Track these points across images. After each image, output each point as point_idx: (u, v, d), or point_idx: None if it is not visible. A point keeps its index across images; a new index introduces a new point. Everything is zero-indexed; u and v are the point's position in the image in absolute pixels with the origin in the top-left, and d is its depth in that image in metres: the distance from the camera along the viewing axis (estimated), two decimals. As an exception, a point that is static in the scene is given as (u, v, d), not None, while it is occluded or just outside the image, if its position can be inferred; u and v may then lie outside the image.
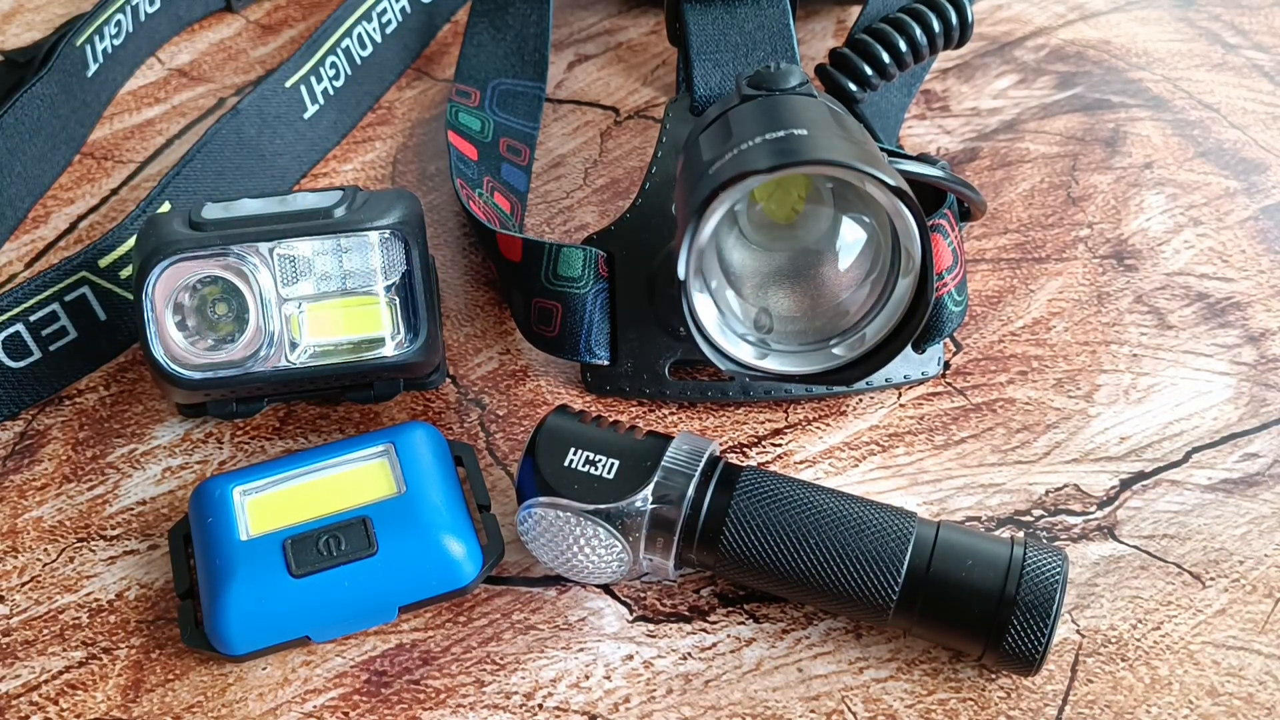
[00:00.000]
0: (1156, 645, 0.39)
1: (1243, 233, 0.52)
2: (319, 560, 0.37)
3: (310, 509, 0.39)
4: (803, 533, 0.37)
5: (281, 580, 0.37)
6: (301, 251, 0.41)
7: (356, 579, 0.38)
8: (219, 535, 0.39)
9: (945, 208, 0.45)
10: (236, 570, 0.38)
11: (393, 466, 0.40)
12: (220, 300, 0.41)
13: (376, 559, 0.38)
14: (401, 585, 0.38)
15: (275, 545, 0.38)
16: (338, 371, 0.42)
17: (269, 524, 0.39)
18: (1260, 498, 0.43)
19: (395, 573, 0.38)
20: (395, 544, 0.38)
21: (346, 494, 0.40)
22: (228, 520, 0.39)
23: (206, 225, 0.40)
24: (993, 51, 0.61)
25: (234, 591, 0.37)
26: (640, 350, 0.46)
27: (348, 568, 0.38)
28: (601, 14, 0.65)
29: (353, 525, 0.38)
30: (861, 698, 0.38)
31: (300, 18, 0.65)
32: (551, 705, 0.38)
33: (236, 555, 0.38)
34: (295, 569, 0.37)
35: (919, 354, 0.46)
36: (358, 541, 0.38)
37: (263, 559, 0.38)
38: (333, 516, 0.39)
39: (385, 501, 0.39)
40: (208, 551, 0.39)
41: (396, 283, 0.42)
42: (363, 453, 0.41)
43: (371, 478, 0.40)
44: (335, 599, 0.38)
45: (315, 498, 0.40)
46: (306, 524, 0.39)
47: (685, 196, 0.39)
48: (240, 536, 0.38)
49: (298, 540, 0.38)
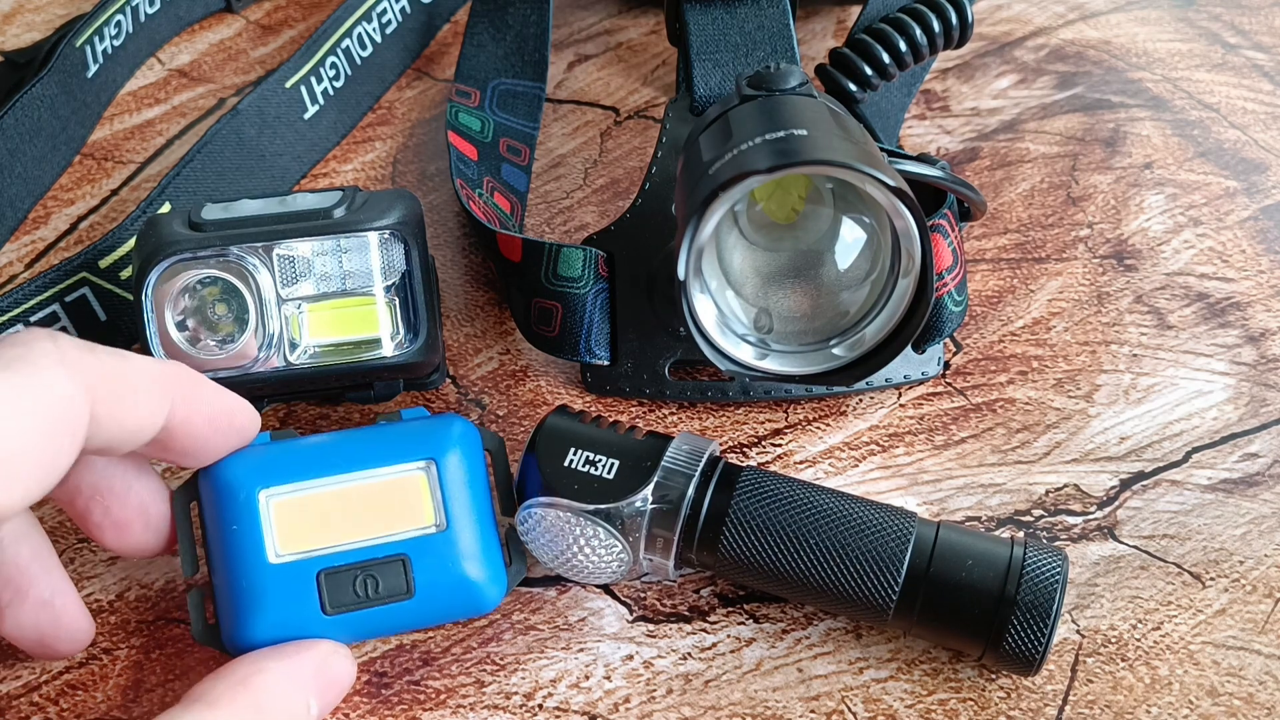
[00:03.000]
0: (1156, 645, 0.39)
1: (1243, 233, 0.52)
2: (354, 601, 0.36)
3: (345, 529, 0.37)
4: (803, 533, 0.37)
5: (314, 616, 0.36)
6: (301, 252, 0.41)
7: (389, 619, 0.36)
8: (246, 549, 0.36)
9: (945, 208, 0.45)
10: (267, 598, 0.35)
11: (432, 489, 0.38)
12: (220, 301, 0.41)
13: (412, 603, 0.36)
14: (432, 620, 0.38)
15: (309, 576, 0.36)
16: (337, 372, 0.42)
17: (300, 543, 0.36)
18: (1260, 498, 0.43)
19: (428, 614, 0.37)
20: (431, 586, 0.36)
21: (384, 517, 0.37)
22: (254, 531, 0.36)
23: (206, 226, 0.40)
24: (993, 51, 0.61)
25: (263, 620, 0.35)
26: (640, 350, 0.46)
27: (383, 610, 0.36)
28: (601, 14, 0.65)
29: (390, 564, 0.36)
30: (861, 698, 0.38)
31: (300, 18, 0.65)
32: (551, 705, 0.38)
33: (267, 580, 0.36)
34: (329, 608, 0.36)
35: (919, 354, 0.46)
36: (395, 583, 0.36)
37: (295, 589, 0.36)
38: (370, 549, 0.37)
39: (425, 539, 0.37)
40: (231, 563, 0.36)
41: (396, 283, 0.42)
42: (401, 466, 0.38)
43: (410, 500, 0.37)
44: (364, 634, 0.37)
45: (350, 514, 0.37)
46: (342, 553, 0.36)
47: (685, 196, 0.39)
48: (269, 557, 0.36)
49: (332, 574, 0.36)
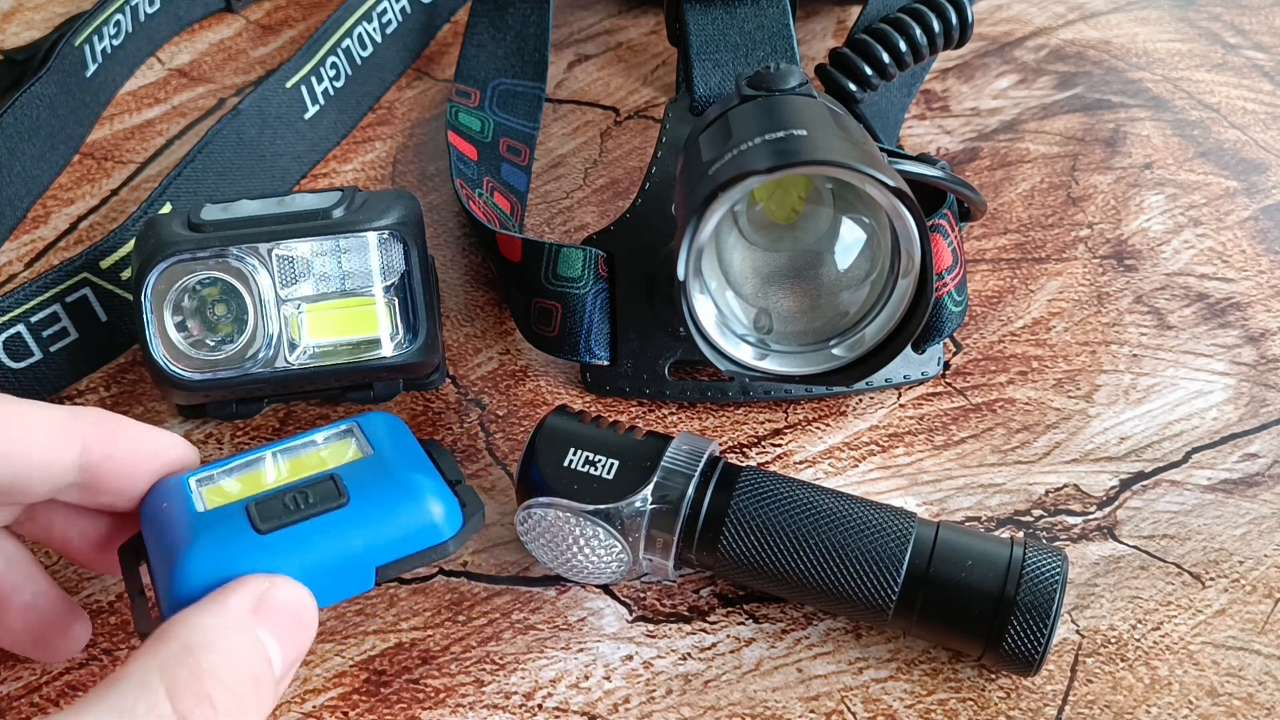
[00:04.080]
0: (1156, 645, 0.39)
1: (1243, 233, 0.52)
2: (286, 514, 0.34)
3: (273, 480, 0.36)
4: (802, 533, 0.37)
5: (247, 539, 0.33)
6: (300, 252, 0.41)
7: (328, 531, 0.34)
8: (174, 513, 0.35)
9: (945, 208, 0.45)
10: (196, 536, 0.33)
11: (359, 440, 0.37)
12: (219, 301, 0.41)
13: (348, 509, 0.34)
14: (376, 540, 0.34)
15: (238, 510, 0.34)
16: (337, 372, 0.42)
17: (229, 498, 0.35)
18: (1260, 498, 0.43)
19: (369, 524, 0.34)
20: (367, 495, 0.34)
21: (311, 465, 0.36)
22: (183, 502, 0.35)
23: (205, 226, 0.40)
24: (993, 51, 0.61)
25: (194, 555, 0.33)
26: (640, 350, 0.46)
27: (318, 520, 0.34)
28: (601, 14, 0.65)
29: (321, 483, 0.35)
30: (861, 698, 0.38)
31: (300, 18, 0.65)
32: (551, 705, 0.38)
33: (194, 524, 0.34)
34: (261, 525, 0.33)
35: (919, 354, 0.46)
36: (327, 495, 0.34)
37: (225, 523, 0.34)
38: (298, 481, 0.35)
39: (354, 463, 0.36)
40: (162, 535, 0.34)
41: (395, 283, 0.42)
42: (325, 434, 0.38)
43: (337, 451, 0.37)
44: (307, 556, 0.34)
45: (276, 472, 0.36)
46: (270, 490, 0.35)
47: (685, 197, 0.39)
48: (197, 509, 0.34)
49: (262, 502, 0.34)
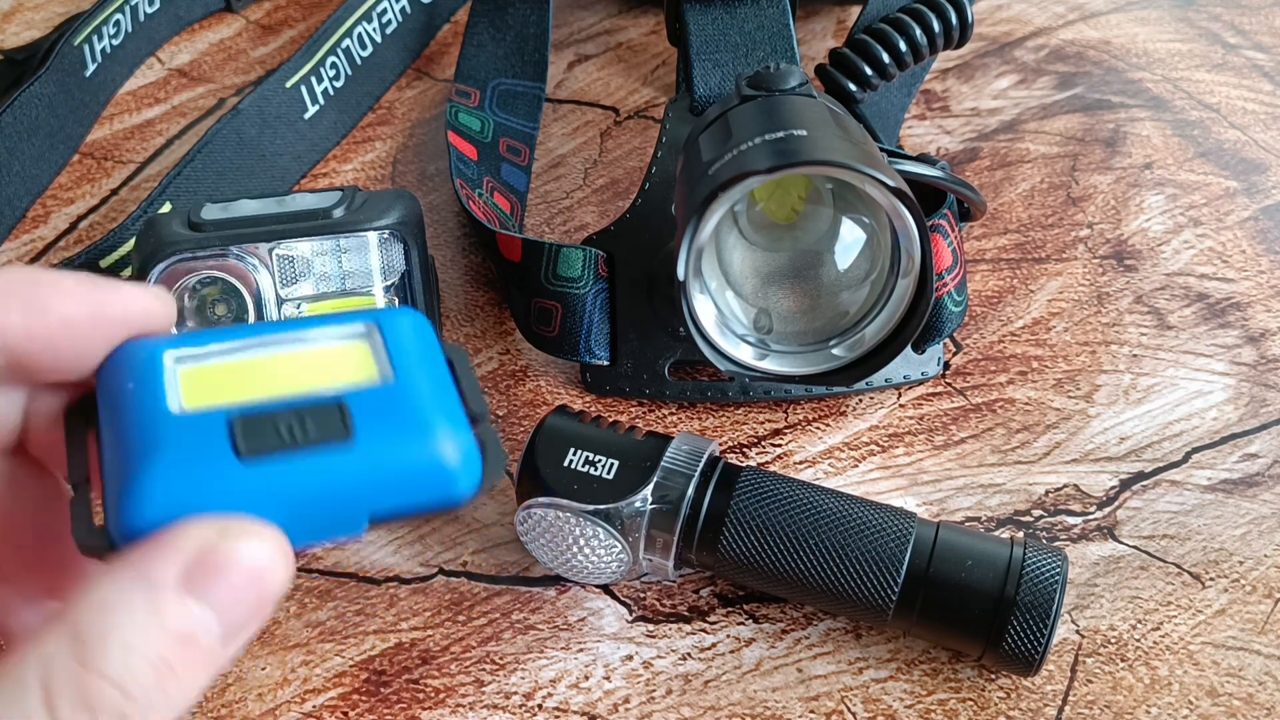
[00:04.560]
0: (1156, 645, 0.39)
1: (1243, 233, 0.52)
2: (276, 442, 0.26)
3: (268, 387, 0.28)
4: (802, 533, 0.37)
5: (223, 463, 0.26)
6: (301, 252, 0.41)
7: (323, 473, 0.26)
8: (140, 403, 0.27)
9: (945, 208, 0.45)
10: (162, 443, 0.26)
11: (376, 352, 0.29)
12: (220, 301, 0.41)
13: (352, 451, 0.26)
14: (381, 486, 0.27)
15: (218, 422, 0.26)
16: None
17: (211, 399, 0.27)
18: (1260, 498, 0.43)
19: (375, 468, 0.27)
20: (377, 434, 0.27)
21: (317, 372, 0.28)
22: (153, 387, 0.27)
23: (206, 226, 0.40)
24: (993, 52, 0.61)
25: (154, 474, 0.25)
26: (640, 350, 0.46)
27: (314, 457, 0.26)
28: (601, 14, 0.65)
29: (324, 409, 0.27)
30: (861, 698, 0.38)
31: (300, 18, 0.65)
32: (551, 705, 0.38)
33: (163, 427, 0.26)
34: (244, 449, 0.26)
35: (919, 354, 0.46)
36: (329, 427, 0.26)
37: (199, 434, 0.26)
38: (299, 398, 0.27)
39: (367, 389, 0.28)
40: (122, 423, 0.27)
41: (396, 283, 0.42)
42: (339, 329, 0.29)
43: (350, 361, 0.29)
44: (291, 498, 0.26)
45: (276, 375, 0.28)
46: (263, 402, 0.27)
47: (685, 197, 0.39)
48: (170, 408, 0.27)
49: (250, 419, 0.26)
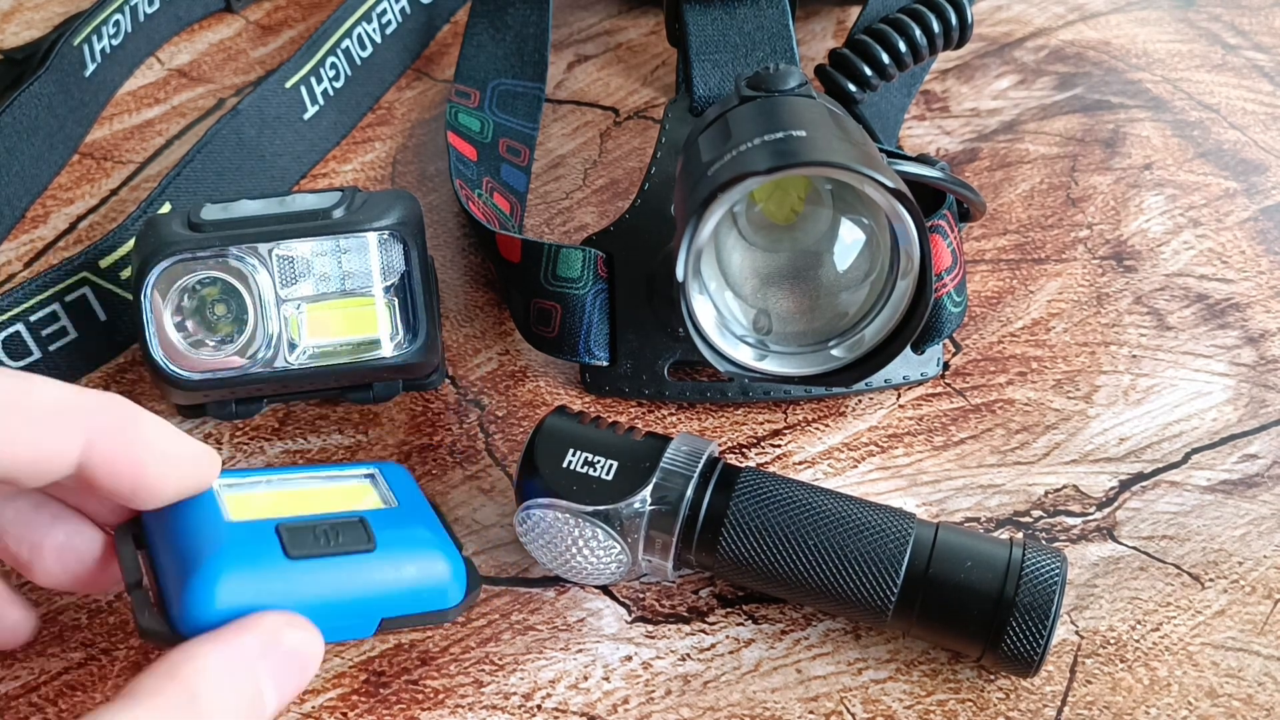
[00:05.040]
0: (1155, 646, 0.39)
1: (1242, 234, 0.52)
2: (317, 547, 0.34)
3: (300, 507, 0.37)
4: (801, 534, 0.37)
5: (276, 560, 0.34)
6: (300, 252, 0.41)
7: (353, 573, 0.35)
8: (197, 517, 0.35)
9: (944, 209, 0.45)
10: (223, 545, 0.33)
11: (380, 490, 0.39)
12: (219, 301, 0.41)
13: (375, 555, 0.35)
14: (393, 592, 0.36)
15: (268, 530, 0.35)
16: (337, 372, 0.42)
17: (256, 513, 0.36)
18: (1259, 499, 0.43)
19: (390, 575, 0.35)
20: (393, 547, 0.36)
21: (337, 501, 0.38)
22: (208, 504, 0.35)
23: (205, 226, 0.40)
24: (992, 52, 0.61)
25: (222, 566, 0.33)
26: (639, 351, 0.46)
27: (347, 558, 0.35)
28: (601, 14, 0.65)
29: (351, 524, 0.36)
30: (860, 699, 0.38)
31: (300, 18, 0.65)
32: (550, 706, 0.38)
33: (222, 533, 0.34)
34: (291, 550, 0.34)
35: (918, 355, 0.46)
36: (356, 537, 0.35)
37: (253, 539, 0.34)
38: (328, 515, 0.36)
39: (381, 511, 0.37)
40: (180, 534, 0.34)
41: (395, 284, 0.42)
42: (348, 472, 0.39)
43: (360, 493, 0.39)
44: (328, 591, 0.34)
45: (304, 500, 0.38)
46: (300, 517, 0.36)
47: (684, 197, 0.39)
48: (226, 518, 0.35)
49: (291, 529, 0.35)
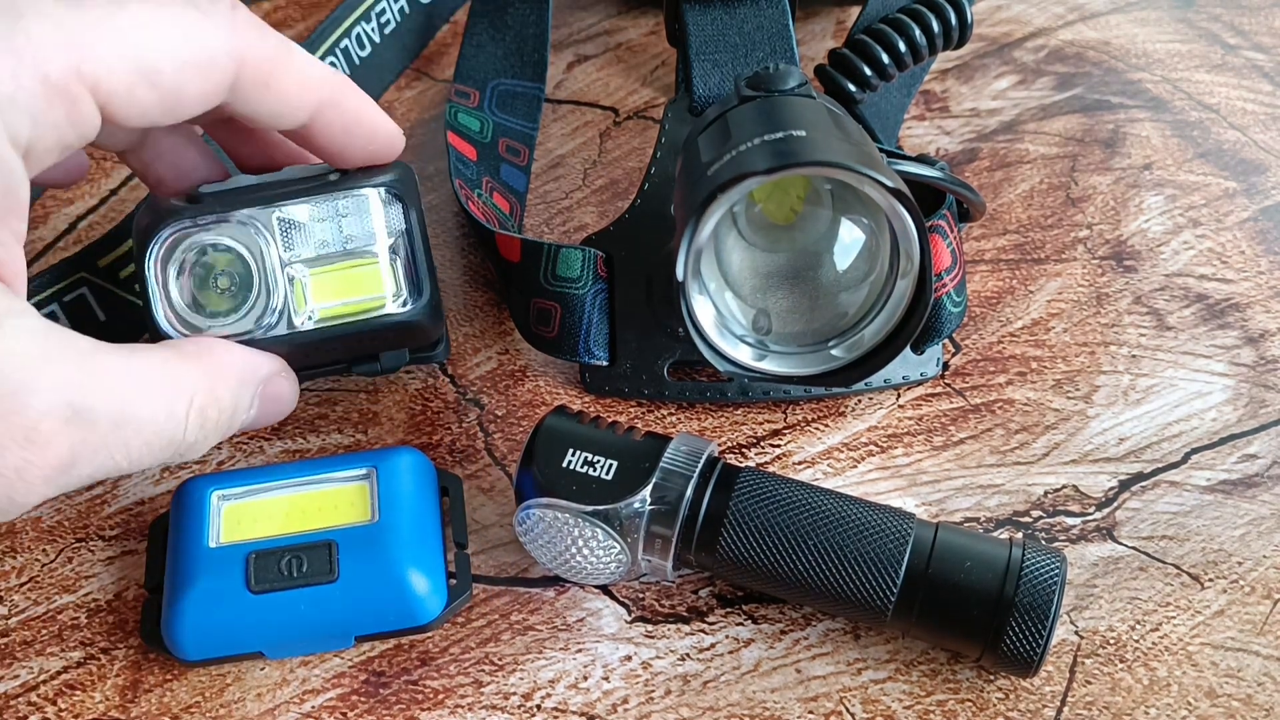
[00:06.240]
0: (1155, 646, 0.39)
1: (1242, 234, 0.52)
2: (278, 580, 0.37)
3: (282, 524, 0.39)
4: (801, 534, 0.37)
5: (239, 594, 0.37)
6: (301, 216, 0.41)
7: (313, 603, 0.37)
8: (189, 538, 0.39)
9: (944, 209, 0.45)
10: (198, 578, 0.38)
11: (371, 492, 0.40)
12: (223, 273, 0.41)
13: (335, 586, 0.37)
14: (359, 615, 0.38)
15: (239, 557, 0.38)
16: (344, 334, 0.41)
17: (238, 534, 0.39)
18: (1259, 499, 0.43)
19: (353, 603, 0.38)
20: (357, 573, 0.38)
21: (320, 513, 0.40)
22: (200, 524, 0.39)
23: (204, 198, 0.40)
24: (992, 52, 0.61)
25: (191, 599, 0.37)
26: (639, 351, 0.46)
27: (305, 591, 0.37)
28: (601, 14, 0.65)
29: (317, 548, 0.38)
30: (860, 699, 0.38)
31: (300, 18, 0.65)
32: (550, 706, 0.38)
33: (200, 562, 0.38)
34: (254, 584, 0.37)
35: (918, 355, 0.46)
36: (320, 565, 0.38)
37: (225, 569, 0.38)
38: (300, 536, 0.39)
39: (355, 528, 0.39)
40: (177, 553, 0.39)
41: (395, 242, 0.42)
42: (346, 473, 0.41)
43: (348, 500, 0.40)
44: (290, 620, 0.37)
45: (289, 512, 0.40)
46: (273, 540, 0.39)
47: (684, 197, 0.39)
48: (209, 543, 0.39)
49: (261, 555, 0.38)
